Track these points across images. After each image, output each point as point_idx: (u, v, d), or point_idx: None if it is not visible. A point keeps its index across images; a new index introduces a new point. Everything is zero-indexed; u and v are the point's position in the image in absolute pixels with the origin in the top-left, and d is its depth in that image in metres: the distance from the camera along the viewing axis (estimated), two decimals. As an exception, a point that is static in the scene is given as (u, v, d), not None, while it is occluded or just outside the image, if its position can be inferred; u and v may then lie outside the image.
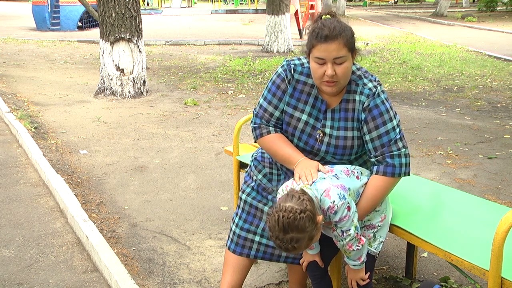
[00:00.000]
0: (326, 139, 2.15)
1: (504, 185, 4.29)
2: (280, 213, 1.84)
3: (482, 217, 2.28)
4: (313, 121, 2.17)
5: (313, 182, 2.00)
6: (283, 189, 2.08)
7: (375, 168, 2.11)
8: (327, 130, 2.15)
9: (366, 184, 2.13)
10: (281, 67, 2.22)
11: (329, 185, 1.98)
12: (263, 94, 2.26)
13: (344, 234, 1.99)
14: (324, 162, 2.19)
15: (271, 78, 2.24)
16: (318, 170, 2.07)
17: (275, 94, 2.21)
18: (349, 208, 1.96)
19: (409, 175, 2.12)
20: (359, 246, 2.04)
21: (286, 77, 2.19)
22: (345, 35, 2.02)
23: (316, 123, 2.17)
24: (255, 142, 2.32)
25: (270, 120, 2.22)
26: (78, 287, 2.91)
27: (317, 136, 2.16)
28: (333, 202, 1.93)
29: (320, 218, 1.91)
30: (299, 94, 2.18)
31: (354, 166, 2.17)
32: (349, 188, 2.02)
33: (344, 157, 2.17)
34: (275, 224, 1.85)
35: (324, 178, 2.04)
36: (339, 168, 2.12)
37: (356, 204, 2.08)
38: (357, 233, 2.01)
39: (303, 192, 1.94)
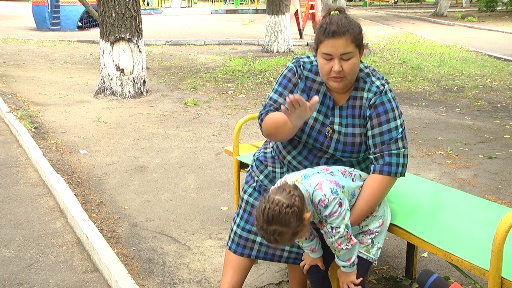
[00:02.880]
0: (335, 136, 2.15)
1: (504, 185, 4.29)
2: (267, 204, 1.85)
3: (482, 217, 2.28)
4: (322, 117, 2.17)
5: (303, 176, 2.00)
6: (281, 180, 2.07)
7: (372, 166, 2.11)
8: (336, 127, 2.15)
9: (362, 186, 2.13)
10: (292, 62, 2.23)
11: (322, 179, 1.98)
12: (273, 88, 2.26)
13: (334, 231, 1.97)
14: (333, 160, 2.20)
15: (282, 73, 2.24)
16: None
17: (286, 86, 2.21)
18: (340, 204, 1.94)
19: (404, 176, 2.12)
20: (349, 246, 2.00)
21: (297, 72, 2.20)
22: (353, 31, 2.02)
23: (325, 120, 2.17)
24: (263, 134, 2.28)
25: (278, 109, 2.20)
26: (78, 287, 2.91)
27: (326, 133, 2.16)
28: (325, 195, 1.93)
29: (307, 215, 1.90)
30: (309, 91, 2.19)
31: (353, 169, 2.17)
32: (343, 186, 2.01)
33: (353, 154, 2.17)
34: (260, 214, 1.86)
35: (318, 172, 2.04)
36: (336, 168, 2.12)
37: (352, 206, 2.08)
38: (347, 231, 1.98)
39: (295, 187, 1.93)
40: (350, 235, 2.00)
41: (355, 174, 2.13)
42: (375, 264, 2.18)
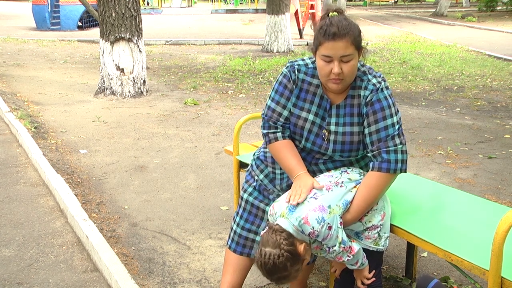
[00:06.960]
0: (332, 137, 2.15)
1: (504, 185, 4.29)
2: (261, 260, 1.95)
3: (482, 217, 2.28)
4: (319, 120, 2.17)
5: (295, 205, 2.01)
6: (270, 210, 2.11)
7: (371, 164, 2.11)
8: (332, 128, 2.15)
9: (357, 186, 2.13)
10: (286, 68, 2.22)
11: (307, 211, 1.98)
12: (269, 96, 2.25)
13: (330, 249, 2.03)
14: (332, 161, 2.20)
15: (277, 80, 2.24)
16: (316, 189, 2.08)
17: (282, 94, 2.20)
18: (330, 228, 1.98)
19: (405, 172, 2.11)
20: (350, 257, 2.06)
21: (291, 77, 2.19)
22: (353, 33, 2.03)
23: (322, 122, 2.17)
24: (266, 148, 2.33)
25: (279, 120, 2.21)
26: (78, 286, 2.91)
27: (323, 136, 2.16)
28: (313, 228, 1.96)
29: (301, 247, 1.97)
30: (305, 94, 2.18)
31: (339, 175, 2.15)
32: (329, 206, 2.01)
33: (352, 153, 2.17)
34: (260, 268, 1.98)
35: (303, 203, 2.03)
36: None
37: (348, 209, 2.08)
38: (343, 247, 2.02)
39: (279, 230, 1.96)
40: (349, 247, 2.05)
41: (342, 181, 2.12)
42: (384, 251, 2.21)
